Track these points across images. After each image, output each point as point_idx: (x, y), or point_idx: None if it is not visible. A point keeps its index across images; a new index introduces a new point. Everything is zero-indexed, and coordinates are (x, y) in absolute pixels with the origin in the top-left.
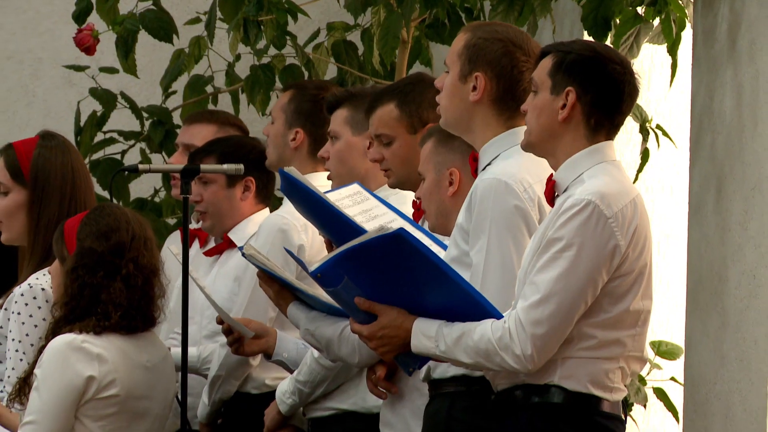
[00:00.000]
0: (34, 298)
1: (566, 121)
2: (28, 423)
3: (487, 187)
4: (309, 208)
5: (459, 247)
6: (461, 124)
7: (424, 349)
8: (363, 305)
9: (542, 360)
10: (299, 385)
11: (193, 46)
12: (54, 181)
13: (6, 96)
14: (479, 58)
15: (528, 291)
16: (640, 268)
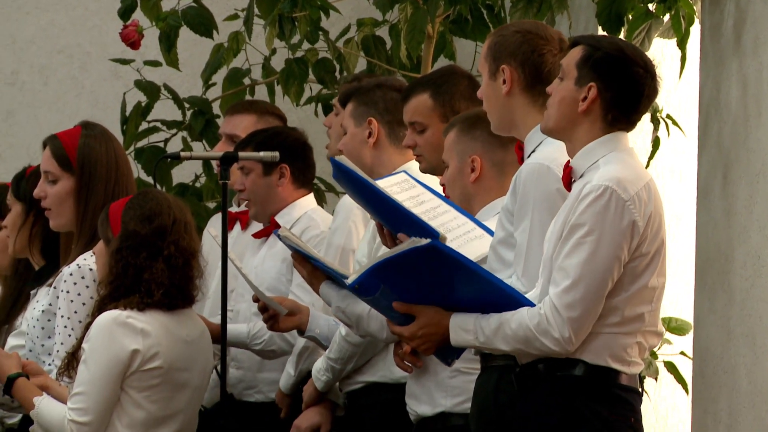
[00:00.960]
0: (82, 278)
1: (585, 113)
2: (77, 394)
3: (531, 171)
4: (360, 194)
5: (505, 228)
6: (505, 122)
7: (463, 342)
8: (401, 309)
9: (579, 340)
10: (331, 362)
11: (232, 41)
12: (99, 168)
13: (57, 88)
14: (501, 52)
15: (558, 277)
16: (657, 247)
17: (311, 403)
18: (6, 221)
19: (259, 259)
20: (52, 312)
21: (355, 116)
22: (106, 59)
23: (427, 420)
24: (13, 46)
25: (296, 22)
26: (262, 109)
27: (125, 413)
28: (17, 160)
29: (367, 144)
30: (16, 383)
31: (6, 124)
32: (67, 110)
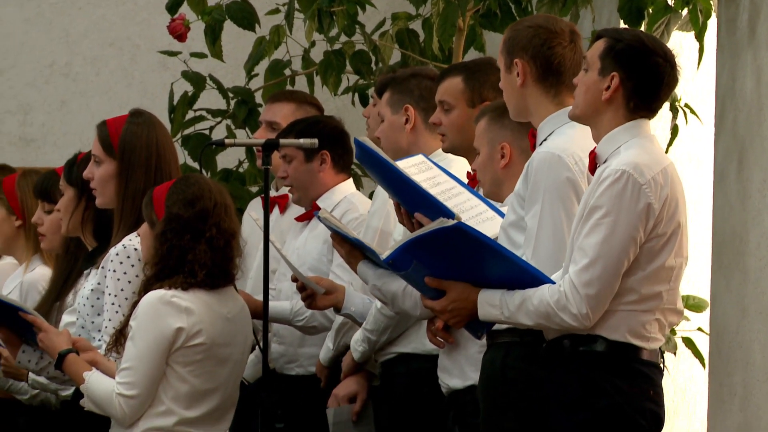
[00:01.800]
0: (128, 257)
1: (608, 102)
2: (124, 369)
3: (542, 160)
4: (381, 173)
5: (516, 212)
6: (521, 111)
7: (490, 316)
8: (432, 284)
9: (597, 316)
10: (367, 334)
11: (273, 34)
12: (139, 153)
13: (108, 78)
14: (514, 47)
15: (577, 256)
16: (673, 228)
17: (349, 373)
18: (59, 205)
19: (302, 241)
20: (101, 290)
21: (392, 104)
22: (155, 51)
23: (458, 392)
24: (67, 39)
25: (334, 16)
26: (300, 99)
27: (170, 386)
28: (71, 146)
29: (404, 130)
30: (67, 359)
31: (60, 112)
32: (117, 99)
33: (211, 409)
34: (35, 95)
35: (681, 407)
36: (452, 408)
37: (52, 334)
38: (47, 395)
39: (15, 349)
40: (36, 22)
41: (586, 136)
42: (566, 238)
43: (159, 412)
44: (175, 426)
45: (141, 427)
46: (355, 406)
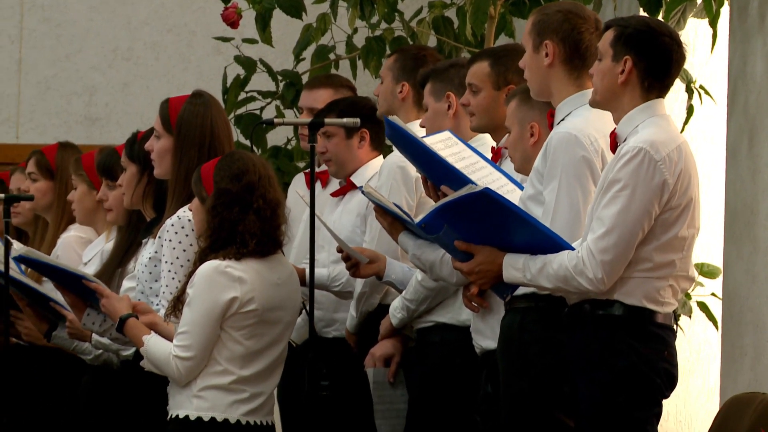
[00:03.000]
0: (182, 228)
1: (624, 84)
2: (181, 333)
3: (560, 139)
4: (408, 150)
5: (535, 187)
6: (544, 90)
7: (513, 278)
8: (461, 247)
9: (611, 281)
10: (407, 303)
11: (319, 21)
12: (194, 132)
13: (167, 62)
14: (545, 29)
15: (595, 225)
16: (687, 201)
17: (386, 336)
18: (121, 180)
19: (337, 214)
20: (158, 258)
21: (435, 93)
22: (210, 37)
23: (490, 352)
24: (129, 26)
25: (375, 5)
26: (337, 83)
27: (225, 348)
28: (132, 125)
29: (447, 115)
30: (127, 323)
31: (122, 94)
32: (175, 82)
33: (263, 368)
34: (99, 78)
35: (696, 366)
36: (485, 367)
37: (113, 299)
38: (109, 355)
39: (80, 313)
40: (100, 10)
41: (600, 118)
42: (581, 211)
43: (216, 372)
44: (230, 384)
45: (199, 385)
46: (390, 368)
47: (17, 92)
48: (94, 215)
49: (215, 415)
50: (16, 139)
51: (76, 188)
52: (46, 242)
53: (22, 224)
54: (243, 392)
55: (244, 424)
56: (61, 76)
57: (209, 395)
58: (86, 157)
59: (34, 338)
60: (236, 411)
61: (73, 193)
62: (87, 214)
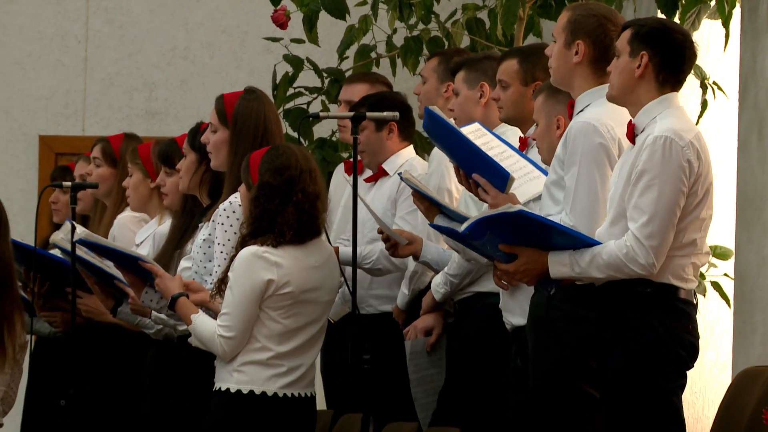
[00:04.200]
0: (234, 212)
1: (641, 78)
2: (224, 314)
3: (580, 128)
4: (443, 139)
5: (557, 172)
6: (566, 81)
7: (561, 274)
8: (506, 249)
9: (660, 263)
10: (450, 278)
11: (362, 22)
12: (248, 124)
13: (220, 61)
14: (579, 29)
15: (635, 214)
16: (707, 186)
17: (428, 311)
18: (180, 165)
19: (369, 198)
20: (211, 240)
21: (468, 81)
22: (260, 37)
23: (520, 328)
24: (186, 27)
25: (413, 7)
26: (373, 79)
27: (264, 327)
28: (189, 119)
29: (479, 104)
30: (178, 302)
31: (180, 90)
32: (228, 79)
33: (301, 344)
34: (159, 75)
35: (709, 342)
36: (515, 342)
37: (166, 279)
38: (170, 330)
39: (139, 291)
40: (159, 12)
41: (616, 108)
42: (599, 193)
43: (255, 348)
44: (268, 360)
45: (240, 361)
46: (430, 339)
47: (83, 88)
48: (147, 202)
49: (254, 388)
50: (82, 131)
51: (131, 175)
52: (104, 225)
53: (84, 210)
54: (280, 367)
55: (281, 397)
56: (124, 73)
57: (249, 370)
58: (143, 147)
59: (95, 314)
60: (274, 384)
61: (128, 180)
62: (141, 201)
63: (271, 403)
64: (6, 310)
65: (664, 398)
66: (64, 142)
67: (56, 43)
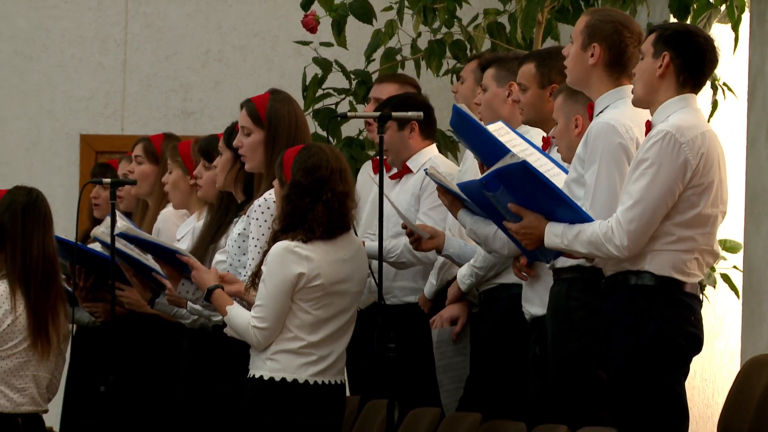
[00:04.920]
0: (268, 208)
1: (662, 77)
2: (257, 306)
3: (599, 128)
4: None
5: (577, 171)
6: (582, 82)
7: (552, 243)
8: (513, 209)
9: (635, 249)
10: (476, 270)
11: (388, 27)
12: (283, 124)
13: (253, 63)
14: (596, 33)
15: (624, 198)
16: (709, 182)
17: (453, 301)
18: (216, 162)
19: (394, 194)
20: (246, 235)
21: (498, 79)
22: (291, 41)
23: (538, 318)
24: (219, 31)
25: (436, 12)
26: (402, 80)
27: (296, 317)
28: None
29: (506, 102)
30: (214, 293)
31: (214, 91)
32: (260, 81)
33: (331, 333)
34: (194, 77)
35: (720, 331)
36: (534, 331)
37: (202, 272)
38: (204, 320)
39: (176, 283)
40: (194, 17)
41: (635, 110)
42: (618, 191)
43: (287, 338)
44: (300, 349)
45: (273, 350)
46: (456, 328)
47: (122, 89)
48: (188, 198)
49: (286, 375)
50: (121, 130)
51: (170, 172)
52: (147, 222)
53: (126, 207)
54: (311, 355)
55: (311, 384)
56: (161, 75)
57: (281, 358)
58: (182, 145)
59: (136, 306)
60: (305, 372)
61: (168, 176)
62: (181, 197)
63: (302, 390)
64: (51, 302)
65: (665, 386)
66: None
67: (97, 47)
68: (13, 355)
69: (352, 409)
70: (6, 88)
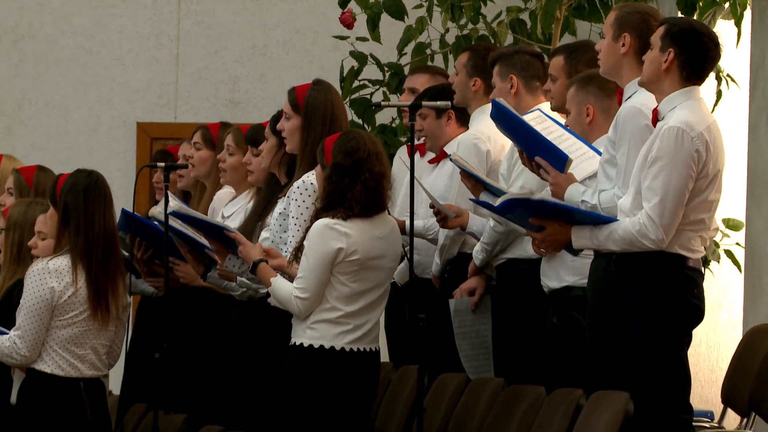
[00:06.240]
0: (306, 189)
1: (666, 71)
2: (299, 277)
3: (628, 112)
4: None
5: (609, 152)
6: (614, 71)
7: (582, 245)
8: (535, 222)
9: (669, 238)
10: (484, 245)
11: (418, 23)
12: (318, 111)
13: (295, 57)
14: (625, 24)
15: (649, 195)
16: (714, 172)
17: (472, 274)
18: (262, 146)
19: (433, 177)
20: (287, 214)
21: (500, 75)
22: (330, 36)
23: (555, 291)
24: (265, 27)
25: (463, 9)
26: (433, 71)
27: (335, 289)
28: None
29: (509, 94)
30: (259, 266)
31: (259, 83)
32: (301, 73)
33: (366, 305)
34: (241, 70)
35: (723, 302)
36: (551, 303)
37: (248, 247)
38: (252, 292)
39: (223, 258)
40: (241, 14)
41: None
42: None
43: (326, 308)
44: (337, 318)
45: (312, 319)
46: (473, 298)
47: (175, 81)
48: (243, 180)
49: (324, 343)
50: (174, 118)
51: (231, 154)
52: (204, 201)
53: (185, 187)
54: (348, 324)
55: (347, 351)
56: (211, 68)
57: (320, 327)
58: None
59: (189, 280)
60: (342, 340)
61: (227, 157)
62: (238, 179)
63: (339, 357)
64: (110, 275)
65: (671, 352)
66: (159, 128)
67: (152, 42)
68: (74, 324)
69: (386, 374)
70: (69, 80)
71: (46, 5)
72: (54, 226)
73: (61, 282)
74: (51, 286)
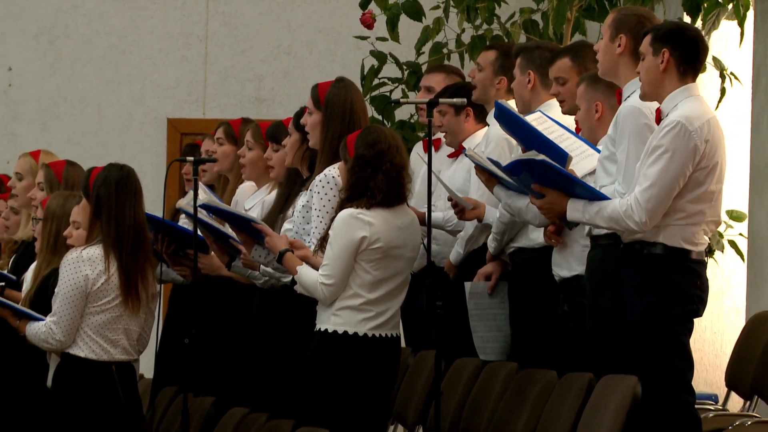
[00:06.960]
0: (328, 183)
1: (665, 71)
2: (325, 265)
3: (628, 111)
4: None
5: (609, 149)
6: (611, 71)
7: (574, 217)
8: (536, 188)
9: (652, 224)
10: (495, 235)
11: (435, 23)
12: (337, 108)
13: (318, 56)
14: (622, 25)
15: (642, 180)
16: (714, 164)
17: (489, 260)
18: (285, 141)
19: (452, 171)
20: (309, 206)
21: (521, 68)
22: (351, 36)
23: (566, 279)
24: (289, 28)
25: (478, 10)
26: (448, 70)
27: (358, 276)
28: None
29: (527, 87)
30: (285, 256)
31: (284, 80)
32: (324, 71)
33: (387, 292)
34: (266, 68)
35: (727, 291)
36: (562, 291)
37: (275, 237)
38: (274, 281)
39: (249, 248)
40: (267, 15)
41: None
42: None
43: (349, 295)
44: (360, 305)
45: (336, 306)
46: (490, 282)
47: (204, 79)
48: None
49: (347, 329)
50: (202, 115)
51: (251, 149)
52: (227, 194)
53: (209, 181)
54: (370, 311)
55: (370, 337)
56: (237, 66)
57: (343, 314)
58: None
59: (210, 270)
60: (364, 326)
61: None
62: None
63: (361, 342)
64: (140, 264)
65: (675, 338)
66: (188, 124)
67: (181, 42)
68: (107, 310)
69: (405, 358)
70: (102, 78)
71: (81, 7)
72: (86, 218)
73: (94, 270)
74: (85, 273)
